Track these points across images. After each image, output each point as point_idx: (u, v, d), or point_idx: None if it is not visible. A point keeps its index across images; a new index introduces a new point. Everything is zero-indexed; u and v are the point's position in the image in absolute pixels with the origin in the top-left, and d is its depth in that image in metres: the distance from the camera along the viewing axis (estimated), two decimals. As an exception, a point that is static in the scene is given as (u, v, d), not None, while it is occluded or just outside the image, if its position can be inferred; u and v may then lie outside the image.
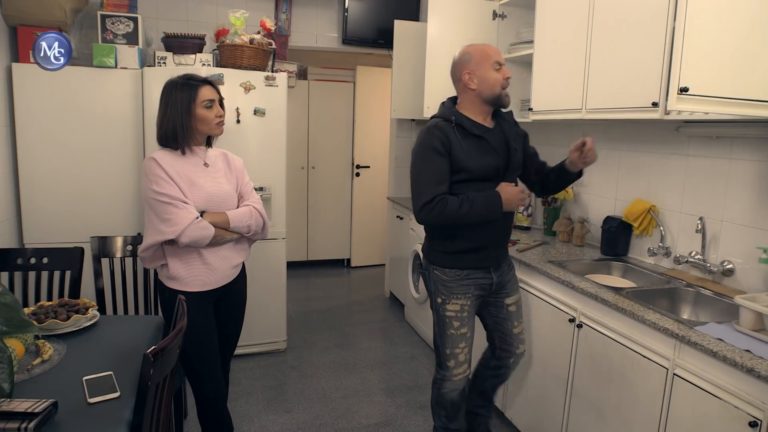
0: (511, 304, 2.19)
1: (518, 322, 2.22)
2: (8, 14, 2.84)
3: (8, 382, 1.26)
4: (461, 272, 2.05)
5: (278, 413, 2.76)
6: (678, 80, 1.69)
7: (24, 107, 2.90)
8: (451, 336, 2.10)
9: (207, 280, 1.97)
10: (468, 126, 1.97)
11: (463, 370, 2.13)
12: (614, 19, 2.17)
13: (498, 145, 2.01)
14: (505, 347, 2.23)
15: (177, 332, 1.47)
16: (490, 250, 2.07)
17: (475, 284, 2.07)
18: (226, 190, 2.00)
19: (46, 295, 2.31)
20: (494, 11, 3.32)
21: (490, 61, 1.97)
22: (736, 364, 1.43)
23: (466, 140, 1.96)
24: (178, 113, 1.90)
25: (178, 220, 1.83)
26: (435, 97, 3.45)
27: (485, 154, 1.98)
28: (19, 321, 1.38)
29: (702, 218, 2.16)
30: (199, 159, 1.99)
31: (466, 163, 1.94)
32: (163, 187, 1.84)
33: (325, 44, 4.49)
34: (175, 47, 3.18)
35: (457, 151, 1.94)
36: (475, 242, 2.03)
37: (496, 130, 2.04)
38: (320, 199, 5.51)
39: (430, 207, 1.92)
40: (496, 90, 1.97)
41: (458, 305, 2.07)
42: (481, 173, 1.96)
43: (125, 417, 1.35)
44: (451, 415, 2.21)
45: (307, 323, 4.03)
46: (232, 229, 1.97)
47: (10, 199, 2.93)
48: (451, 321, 2.08)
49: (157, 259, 1.95)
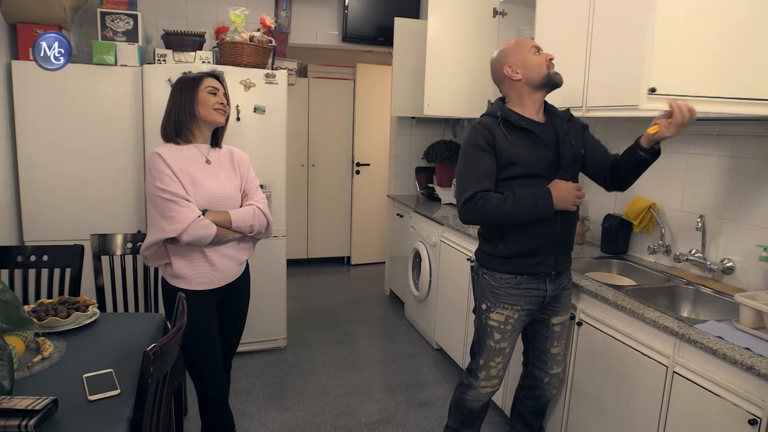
0: (557, 324, 2.02)
1: (558, 342, 2.06)
2: (8, 12, 2.84)
3: (8, 380, 1.26)
4: (513, 278, 1.92)
5: (278, 411, 2.76)
6: (647, 80, 1.67)
7: (24, 104, 2.90)
8: (488, 347, 1.98)
9: (211, 279, 1.97)
10: (515, 119, 1.86)
11: (491, 385, 2.03)
12: (614, 16, 2.16)
13: (548, 138, 1.86)
14: (538, 365, 2.09)
15: (177, 330, 1.47)
16: (547, 256, 1.90)
17: (526, 296, 1.92)
18: (228, 190, 1.99)
19: (46, 293, 2.31)
20: (495, 9, 3.31)
21: (527, 47, 1.89)
22: (736, 362, 1.43)
23: (512, 133, 1.85)
24: (181, 100, 1.93)
25: (180, 218, 1.82)
26: (435, 94, 3.45)
27: (534, 147, 1.85)
28: (20, 318, 1.38)
29: (702, 216, 2.16)
30: (202, 156, 1.98)
31: (514, 156, 1.83)
32: (166, 184, 1.84)
33: (325, 42, 4.48)
34: (174, 44, 3.18)
35: (502, 145, 1.83)
36: (529, 245, 1.88)
37: (548, 124, 1.91)
38: (320, 197, 5.50)
39: (471, 204, 1.83)
40: (543, 70, 1.86)
41: (503, 316, 1.94)
42: (531, 167, 1.84)
43: (125, 414, 1.35)
44: (466, 422, 2.13)
45: (307, 321, 4.03)
46: (235, 228, 1.96)
47: (10, 196, 2.93)
48: (492, 332, 1.96)
49: (160, 258, 1.95)
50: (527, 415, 2.20)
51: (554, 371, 2.08)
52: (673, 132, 1.65)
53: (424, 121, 4.53)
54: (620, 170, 1.89)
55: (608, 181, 1.97)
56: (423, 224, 3.63)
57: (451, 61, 3.41)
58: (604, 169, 1.95)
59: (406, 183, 4.61)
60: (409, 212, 3.99)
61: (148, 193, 1.89)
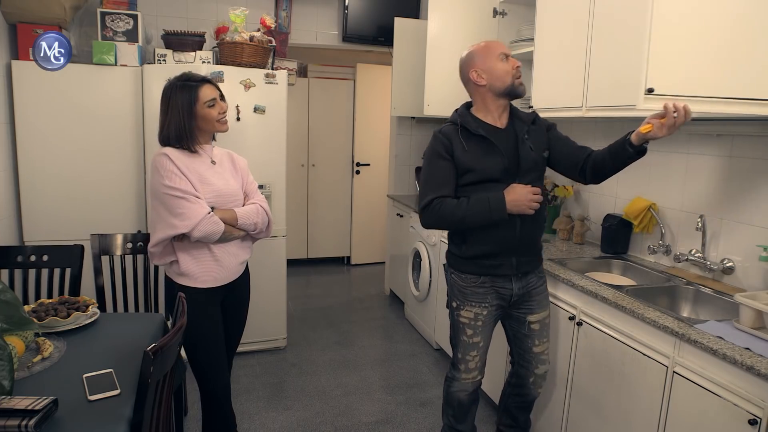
0: (534, 321, 2.05)
1: (540, 341, 2.07)
2: (8, 11, 2.84)
3: (8, 380, 1.26)
4: (477, 278, 1.98)
5: (278, 410, 2.76)
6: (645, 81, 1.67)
7: (24, 104, 2.90)
8: (463, 342, 2.04)
9: (217, 276, 1.99)
10: (473, 127, 1.91)
11: (472, 376, 2.08)
12: (614, 16, 2.16)
13: (505, 144, 1.91)
14: (523, 364, 2.12)
15: (177, 330, 1.47)
16: (508, 258, 1.95)
17: (493, 293, 1.98)
18: (233, 188, 2.03)
19: (46, 293, 2.31)
20: (495, 9, 3.31)
21: (495, 54, 1.91)
22: (736, 362, 1.43)
23: (469, 142, 1.91)
24: (180, 115, 1.90)
25: (191, 215, 1.84)
26: (435, 94, 3.45)
27: (489, 155, 1.90)
28: (20, 318, 1.38)
29: (702, 216, 2.16)
30: (207, 157, 2.01)
31: (469, 165, 1.89)
32: (175, 182, 1.85)
33: (325, 42, 4.48)
34: (174, 44, 3.18)
35: (459, 153, 1.90)
36: (488, 247, 1.94)
37: (508, 129, 1.96)
38: (320, 197, 5.50)
39: (428, 210, 1.91)
40: (507, 80, 1.90)
41: (472, 313, 1.99)
42: (486, 173, 1.89)
43: (125, 414, 1.35)
44: (458, 416, 2.16)
45: (308, 321, 4.03)
46: (240, 226, 1.99)
47: (10, 196, 2.93)
48: (464, 328, 2.02)
49: (167, 255, 1.96)
50: (513, 409, 2.24)
51: (539, 371, 2.10)
52: (665, 133, 1.64)
53: (424, 121, 4.53)
54: (604, 164, 1.88)
55: (586, 175, 1.95)
56: (423, 224, 3.63)
57: (451, 62, 3.37)
58: (578, 163, 1.95)
59: (406, 183, 4.61)
60: (409, 212, 3.99)
61: (155, 192, 1.90)
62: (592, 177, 1.95)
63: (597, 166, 1.90)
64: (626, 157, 1.79)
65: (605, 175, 1.92)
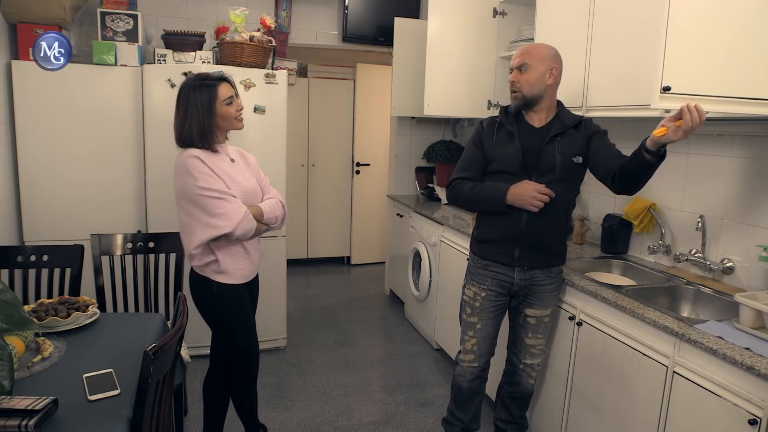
0: (531, 316, 2.11)
1: (534, 335, 2.13)
2: (8, 11, 2.84)
3: (8, 380, 1.26)
4: (481, 261, 2.12)
5: (278, 410, 2.76)
6: (661, 79, 1.66)
7: (24, 104, 2.90)
8: (463, 321, 2.19)
9: (248, 272, 2.08)
10: (506, 122, 2.04)
11: (468, 360, 2.16)
12: (614, 16, 2.16)
13: (527, 141, 1.99)
14: (514, 351, 2.21)
15: (177, 329, 1.47)
16: (510, 247, 2.04)
17: (493, 278, 2.09)
18: (254, 185, 2.08)
19: (46, 293, 2.31)
20: (495, 9, 3.32)
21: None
22: (736, 362, 1.43)
23: (499, 134, 2.05)
24: (199, 114, 1.91)
25: (231, 214, 1.87)
26: (435, 94, 3.45)
27: (509, 149, 2.00)
28: (20, 318, 1.38)
29: (702, 216, 2.16)
30: (225, 155, 2.03)
31: (492, 155, 2.04)
32: (210, 183, 1.87)
33: (325, 42, 4.48)
34: (174, 44, 3.18)
35: (487, 143, 2.06)
36: (492, 234, 2.08)
37: (542, 129, 2.01)
38: (320, 197, 5.50)
39: (449, 188, 2.11)
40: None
41: (472, 292, 2.14)
42: (503, 166, 2.01)
43: (125, 414, 1.35)
44: (458, 403, 2.24)
45: (308, 321, 4.03)
46: (265, 221, 2.04)
47: (10, 196, 2.93)
48: (464, 306, 2.18)
49: (206, 256, 1.97)
50: (508, 401, 2.28)
51: (527, 361, 2.18)
52: (680, 136, 1.58)
53: (424, 121, 4.53)
54: (626, 173, 1.84)
55: (615, 185, 1.92)
56: (423, 224, 3.63)
57: (451, 61, 3.41)
58: (611, 172, 1.91)
59: (406, 183, 4.61)
60: (409, 212, 3.99)
61: (187, 195, 1.89)
62: (620, 185, 1.91)
63: (622, 175, 1.87)
64: (645, 163, 1.73)
65: (631, 183, 1.87)
